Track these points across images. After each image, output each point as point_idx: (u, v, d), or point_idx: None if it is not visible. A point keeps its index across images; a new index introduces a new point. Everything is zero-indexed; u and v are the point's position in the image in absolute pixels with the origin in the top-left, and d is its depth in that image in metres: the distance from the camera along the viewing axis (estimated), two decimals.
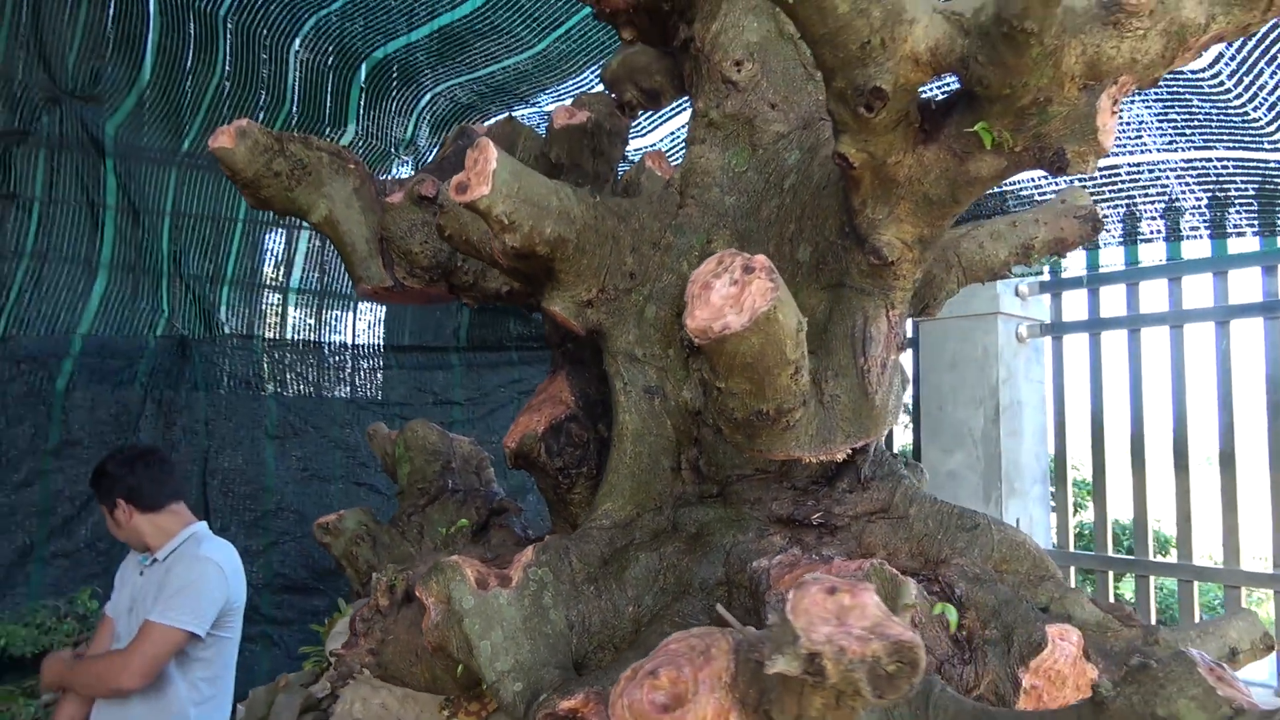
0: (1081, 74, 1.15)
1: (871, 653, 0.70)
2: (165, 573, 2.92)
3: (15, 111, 4.80)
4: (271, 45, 5.23)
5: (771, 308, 1.19)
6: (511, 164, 1.54)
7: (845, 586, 0.74)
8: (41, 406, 4.69)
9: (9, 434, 4.59)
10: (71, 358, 4.85)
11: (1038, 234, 1.81)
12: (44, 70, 4.85)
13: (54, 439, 4.68)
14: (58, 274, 4.93)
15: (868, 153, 1.27)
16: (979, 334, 3.89)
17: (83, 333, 4.92)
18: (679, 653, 0.84)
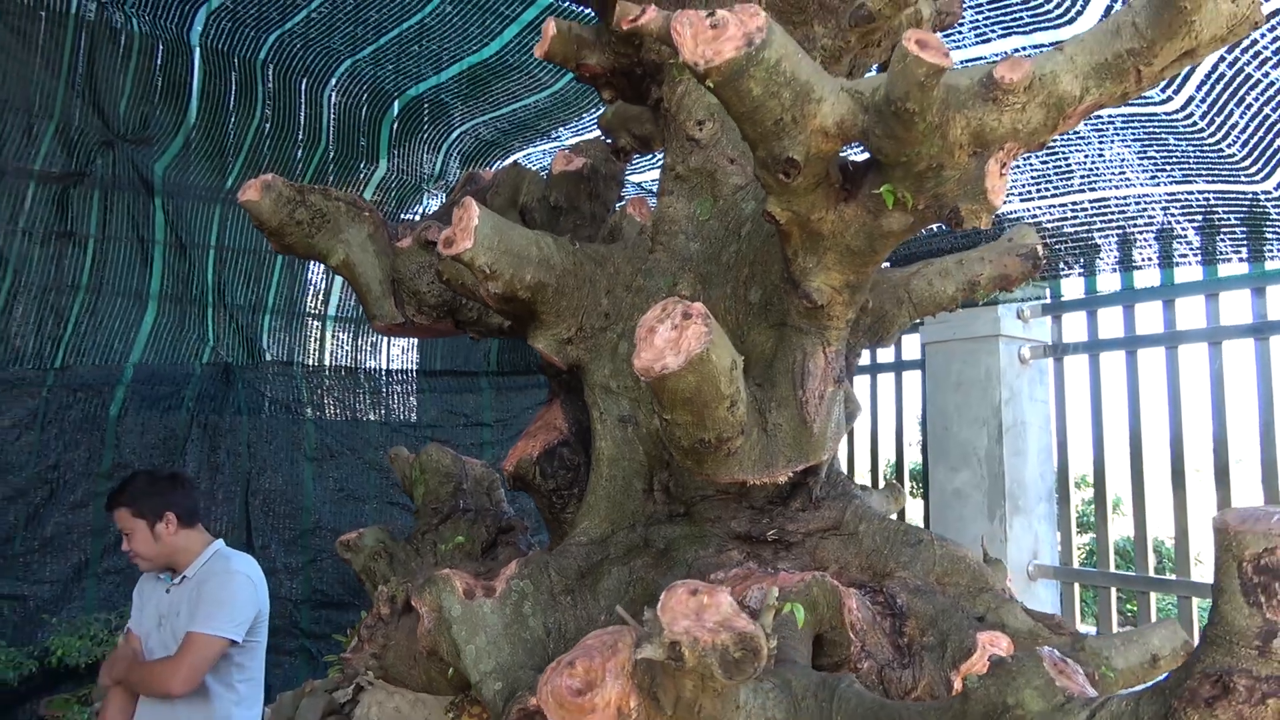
0: (969, 143, 1.31)
1: (720, 642, 0.87)
2: (198, 587, 3.12)
3: (73, 155, 5.15)
4: (307, 89, 5.53)
5: (705, 350, 1.37)
6: (493, 220, 1.74)
7: (705, 589, 0.91)
8: (96, 432, 5.00)
9: (66, 458, 4.91)
10: (123, 385, 5.16)
11: (983, 271, 1.95)
12: (98, 116, 5.20)
13: (107, 462, 4.99)
14: (111, 306, 5.26)
15: (792, 211, 1.44)
16: (982, 355, 4.01)
17: (134, 361, 5.24)
18: (593, 647, 1.02)
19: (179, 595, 3.18)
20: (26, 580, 4.67)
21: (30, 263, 5.04)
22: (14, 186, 5.00)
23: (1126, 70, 1.31)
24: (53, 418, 4.92)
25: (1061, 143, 3.40)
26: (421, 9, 4.57)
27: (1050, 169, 3.53)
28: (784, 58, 1.31)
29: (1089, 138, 3.29)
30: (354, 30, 4.91)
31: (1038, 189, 3.63)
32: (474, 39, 4.77)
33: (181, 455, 5.19)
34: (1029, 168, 3.58)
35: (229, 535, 5.28)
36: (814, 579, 1.60)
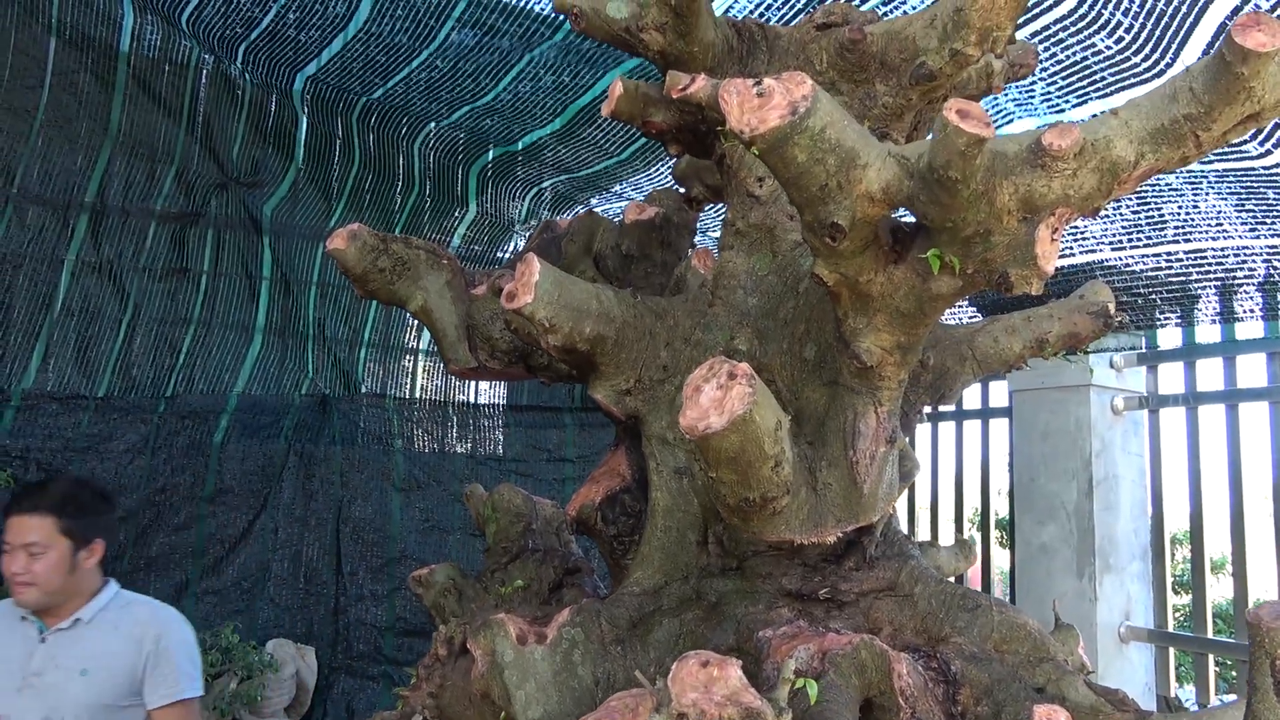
0: (1017, 209, 1.30)
1: (726, 716, 0.88)
2: (136, 643, 2.56)
3: (190, 196, 5.49)
4: (399, 142, 5.77)
5: (748, 411, 1.38)
6: (554, 275, 1.80)
7: (716, 661, 0.92)
8: (200, 457, 5.28)
9: (173, 482, 5.19)
10: (228, 414, 5.44)
11: (1052, 329, 1.91)
12: (213, 160, 5.54)
13: (209, 487, 5.25)
14: (219, 339, 5.57)
15: (840, 273, 1.45)
16: (1071, 405, 3.88)
17: (238, 391, 5.52)
18: (615, 708, 1.04)
19: (64, 646, 2.50)
20: None
21: (148, 297, 5.37)
22: (137, 226, 5.36)
23: (1184, 135, 1.28)
24: (162, 443, 5.21)
25: (1153, 194, 3.29)
26: (495, 87, 4.79)
27: (1143, 219, 3.41)
28: (829, 125, 1.33)
29: (1182, 190, 3.17)
30: (432, 103, 5.17)
31: (1129, 238, 3.51)
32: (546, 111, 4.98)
33: (279, 482, 5.42)
34: (1119, 217, 3.47)
35: (319, 561, 5.50)
36: (862, 641, 1.58)
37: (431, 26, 4.35)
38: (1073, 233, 3.69)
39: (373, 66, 4.94)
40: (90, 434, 5.08)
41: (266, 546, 5.35)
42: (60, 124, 5.17)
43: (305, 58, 5.02)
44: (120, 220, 5.33)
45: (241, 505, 5.32)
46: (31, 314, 5.11)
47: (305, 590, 5.37)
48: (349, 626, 5.37)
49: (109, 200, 5.29)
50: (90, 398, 5.13)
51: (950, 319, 4.59)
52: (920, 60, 1.78)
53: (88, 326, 5.24)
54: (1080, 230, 3.66)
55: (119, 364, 5.28)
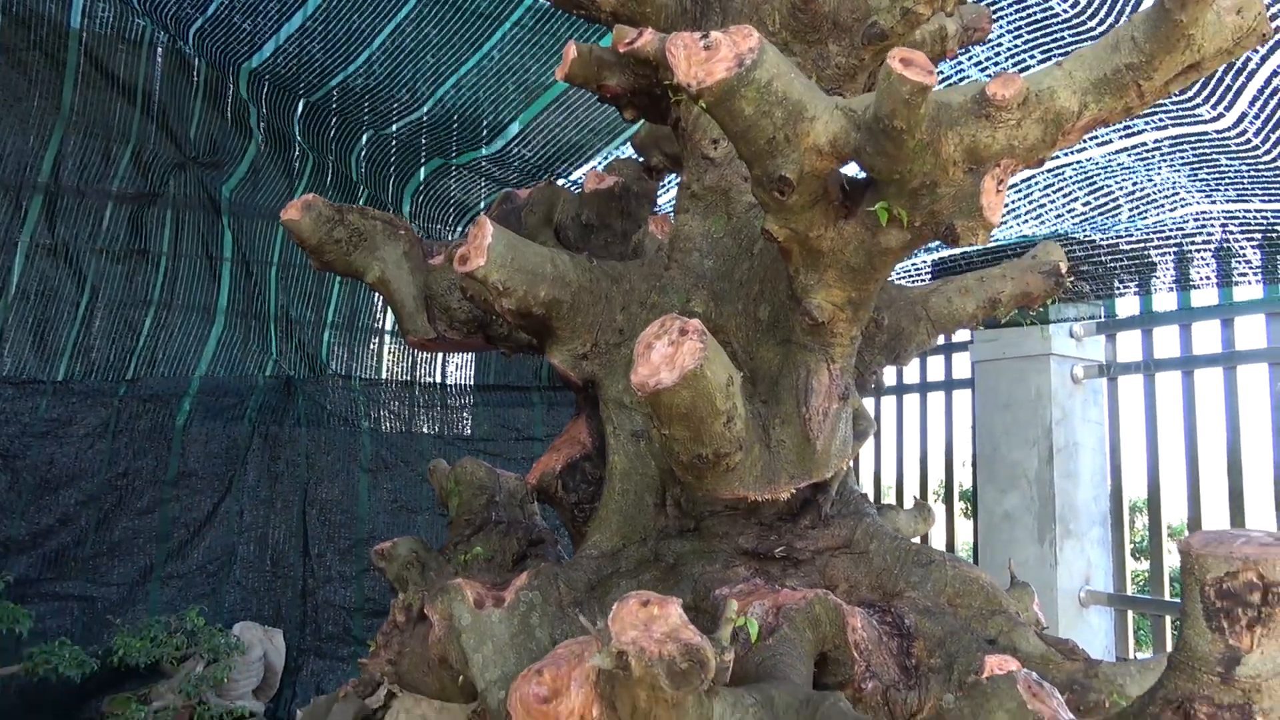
0: (963, 160, 1.30)
1: (666, 653, 0.88)
2: None
3: (147, 177, 5.39)
4: (347, 137, 5.71)
5: (699, 366, 1.38)
6: (507, 238, 1.78)
7: (657, 600, 0.92)
8: (163, 441, 5.21)
9: (135, 466, 5.12)
10: (190, 396, 5.37)
11: (1004, 289, 1.93)
12: (170, 140, 5.45)
13: (173, 471, 5.19)
14: (180, 321, 5.48)
15: (790, 228, 1.45)
16: (1032, 375, 3.92)
17: (200, 374, 5.44)
18: (562, 655, 1.04)
19: None
20: (95, 582, 4.87)
21: (106, 279, 5.28)
22: (93, 207, 5.26)
23: (1127, 85, 1.29)
24: (123, 427, 5.14)
25: (1104, 176, 3.31)
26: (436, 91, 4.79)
27: (1094, 207, 3.44)
28: (776, 77, 1.33)
29: (1134, 168, 3.20)
30: (384, 103, 5.15)
31: (1086, 219, 3.55)
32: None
33: (243, 464, 5.37)
34: (1076, 199, 3.49)
35: (286, 543, 5.45)
36: (816, 596, 1.59)
37: (375, 25, 4.33)
38: (1034, 211, 3.72)
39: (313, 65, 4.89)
40: (49, 418, 4.99)
41: (232, 529, 5.29)
42: (10, 103, 5.05)
43: (249, 49, 4.94)
44: (76, 201, 5.22)
45: (205, 488, 5.26)
46: None
47: (272, 573, 5.33)
48: (317, 608, 5.34)
49: (63, 180, 5.18)
50: (48, 382, 5.04)
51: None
52: (872, 20, 1.78)
53: (44, 309, 5.15)
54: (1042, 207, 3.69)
55: (77, 347, 5.19)
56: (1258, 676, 0.84)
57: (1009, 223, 3.81)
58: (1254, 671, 0.84)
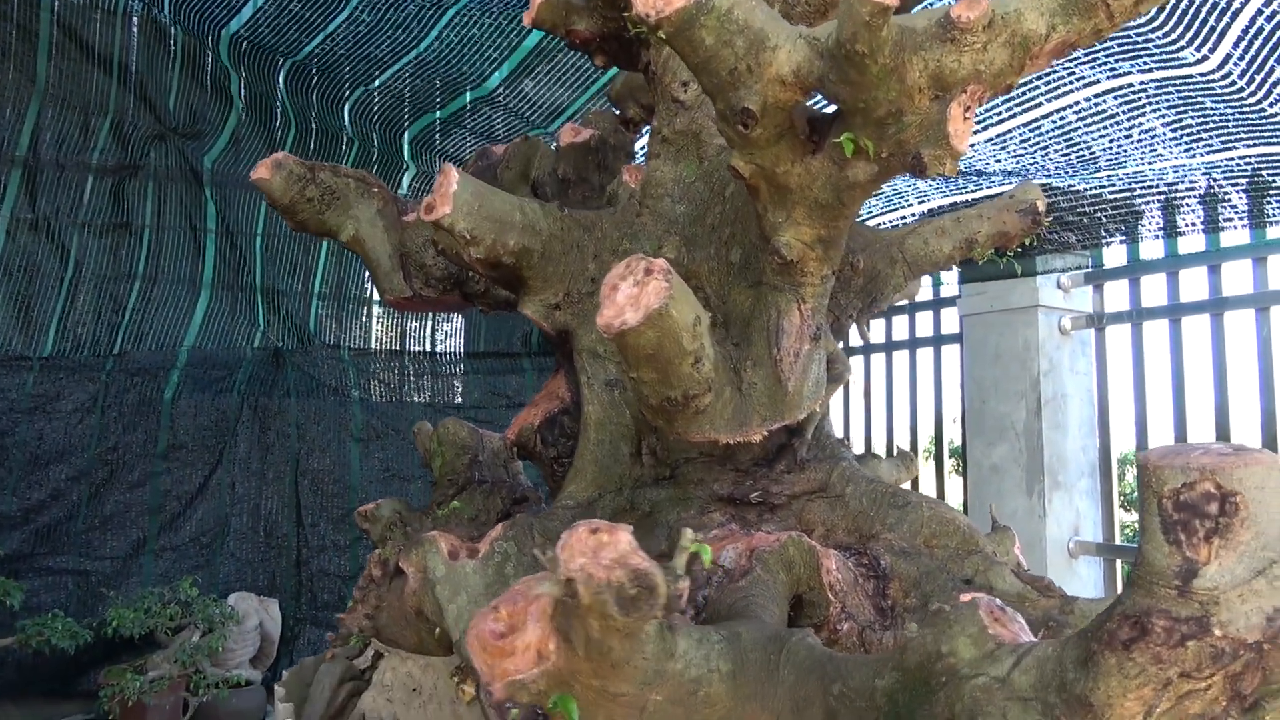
0: (928, 86, 1.27)
1: (615, 579, 0.86)
2: None
3: (127, 149, 5.32)
4: (328, 101, 5.64)
5: (663, 305, 1.36)
6: (473, 185, 1.75)
7: (606, 528, 0.91)
8: (152, 414, 5.19)
9: (124, 440, 5.10)
10: (178, 369, 5.34)
11: (981, 228, 1.90)
12: (149, 111, 5.37)
13: (162, 444, 5.17)
14: (166, 294, 5.44)
15: (756, 164, 1.42)
16: (1019, 327, 3.90)
17: (188, 346, 5.42)
18: (519, 591, 1.02)
19: None
20: (88, 556, 4.87)
21: (90, 253, 5.24)
22: (73, 180, 5.20)
23: (1095, 5, 1.26)
24: (112, 401, 5.12)
25: (1084, 128, 3.26)
26: (419, 43, 4.72)
27: (1074, 157, 3.40)
28: (736, 5, 1.29)
29: (1117, 115, 3.15)
30: (364, 64, 5.08)
31: (1066, 173, 3.51)
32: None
33: (233, 436, 5.35)
34: (1058, 154, 3.45)
35: (279, 514, 5.46)
36: (790, 539, 1.58)
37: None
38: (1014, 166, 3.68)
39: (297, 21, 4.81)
40: (36, 394, 4.97)
41: (224, 501, 5.29)
42: None
43: (228, 13, 4.87)
44: (55, 175, 5.16)
45: (196, 461, 5.26)
46: None
47: (266, 543, 5.33)
48: (312, 578, 5.35)
49: (42, 154, 5.12)
50: (34, 358, 5.01)
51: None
52: None
53: (28, 285, 5.10)
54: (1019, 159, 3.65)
55: (62, 323, 5.15)
56: (1215, 589, 0.83)
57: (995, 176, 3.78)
58: (1211, 584, 0.83)
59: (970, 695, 0.96)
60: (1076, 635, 0.92)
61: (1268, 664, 0.83)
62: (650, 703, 1.10)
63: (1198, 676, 0.83)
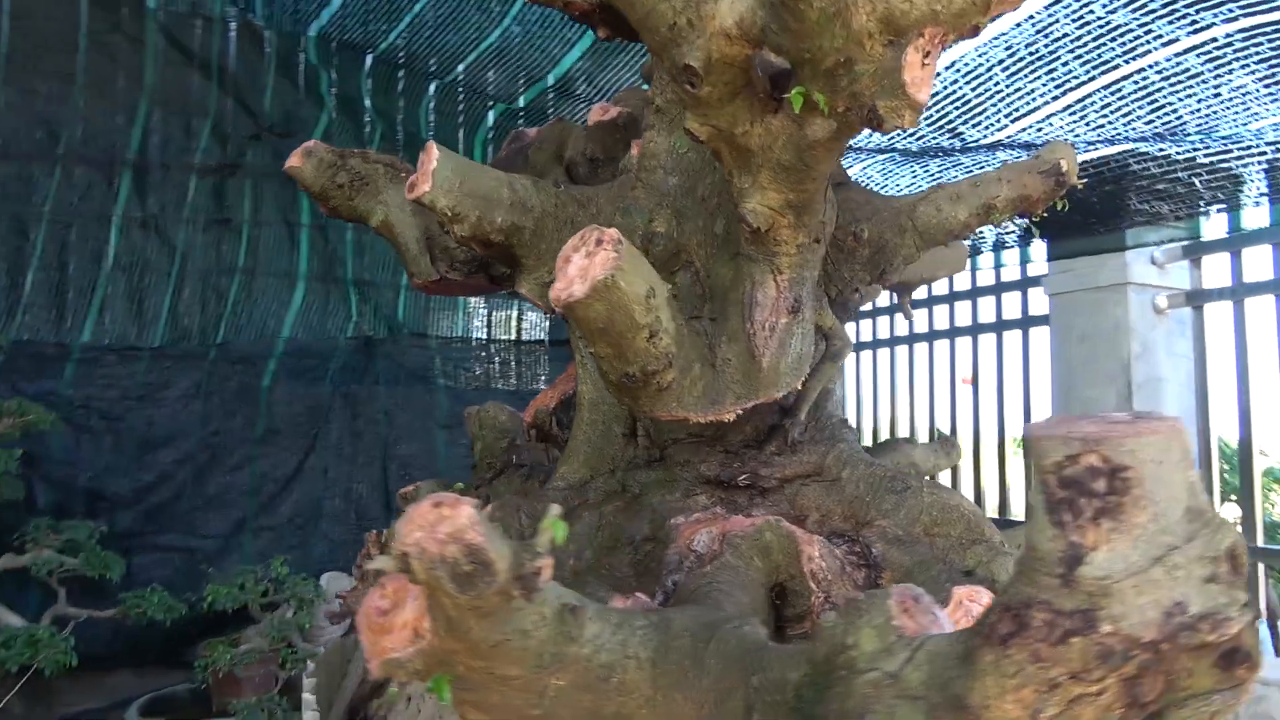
0: (879, 31, 1.17)
1: (449, 554, 0.82)
2: None
3: (226, 149, 5.59)
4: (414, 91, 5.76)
5: (610, 276, 1.30)
6: (455, 162, 1.73)
7: (450, 501, 0.86)
8: (251, 401, 5.44)
9: (226, 425, 5.37)
10: (275, 358, 5.58)
11: (1000, 192, 1.75)
12: (246, 112, 5.62)
13: (260, 429, 5.42)
14: (264, 286, 5.69)
15: (712, 126, 1.34)
16: (1109, 306, 3.63)
17: (285, 336, 5.65)
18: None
19: None
20: (193, 534, 5.15)
21: (194, 249, 5.52)
22: (178, 180, 5.49)
23: None
24: (215, 389, 5.39)
25: (1168, 91, 2.98)
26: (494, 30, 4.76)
27: (1160, 123, 3.11)
28: None
29: (1203, 74, 2.87)
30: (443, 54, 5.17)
31: (1154, 138, 3.22)
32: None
33: (326, 422, 5.56)
34: (1142, 121, 3.17)
35: (370, 497, 5.64)
36: (766, 523, 1.50)
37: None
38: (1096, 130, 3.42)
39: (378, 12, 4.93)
40: (146, 382, 5.28)
41: (318, 485, 5.51)
42: (98, 85, 5.31)
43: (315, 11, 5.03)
44: (162, 175, 5.47)
45: (291, 445, 5.48)
46: (86, 270, 5.31)
47: (357, 525, 5.52)
48: None
49: (149, 156, 5.43)
50: (145, 348, 5.33)
51: None
52: None
53: (139, 280, 5.43)
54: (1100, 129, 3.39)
55: (170, 315, 5.46)
56: (1106, 578, 0.71)
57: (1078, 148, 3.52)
58: (1101, 572, 0.71)
59: (861, 691, 0.87)
60: (967, 629, 0.82)
61: (1171, 668, 0.71)
62: (550, 687, 1.05)
63: (1088, 679, 0.72)
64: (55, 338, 5.18)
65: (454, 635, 0.91)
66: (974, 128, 3.42)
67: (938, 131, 3.54)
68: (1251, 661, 0.70)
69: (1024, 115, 3.35)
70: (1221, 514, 0.73)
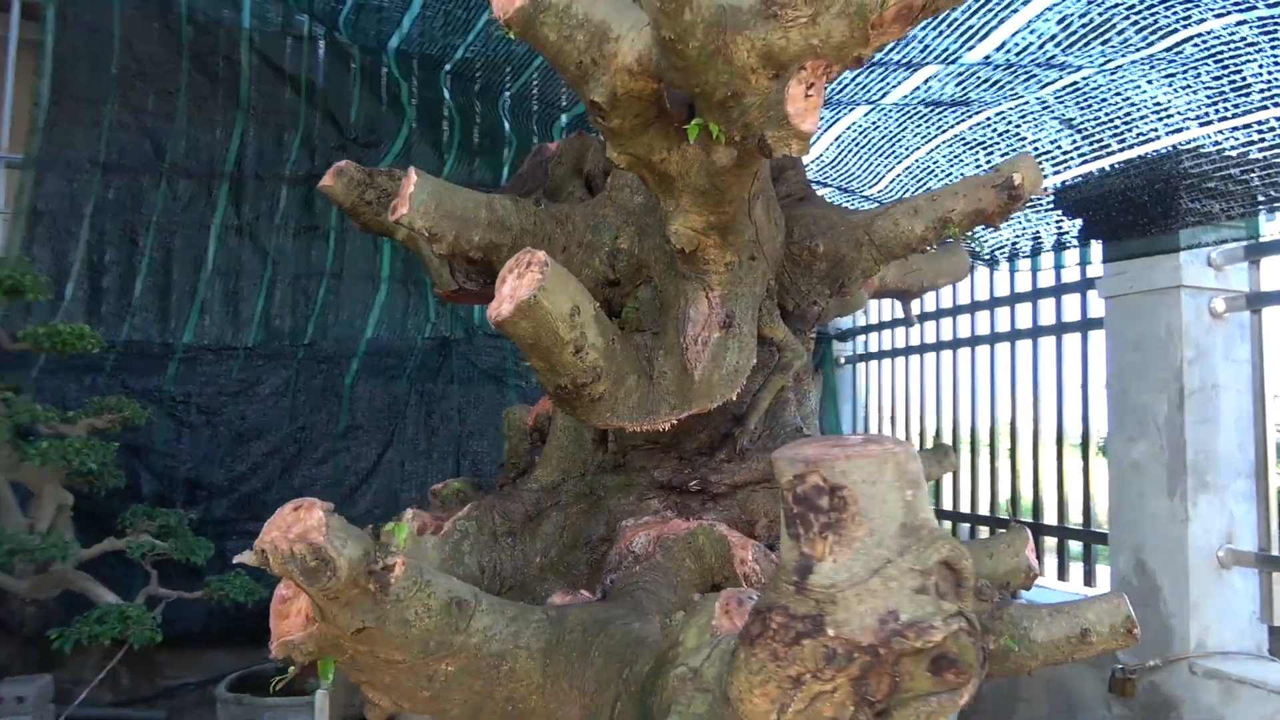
0: (761, 66, 1.23)
1: (296, 551, 0.94)
2: None
3: (314, 159, 5.94)
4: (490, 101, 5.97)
5: (533, 296, 1.41)
6: (432, 186, 1.87)
7: (307, 505, 0.99)
8: (334, 398, 5.77)
9: (311, 420, 5.71)
10: (358, 357, 5.90)
11: (956, 206, 1.77)
12: (333, 125, 5.96)
13: (342, 424, 5.75)
14: (349, 289, 6.03)
15: (630, 154, 1.43)
16: (1161, 310, 3.51)
17: (367, 337, 5.97)
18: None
19: None
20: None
21: (285, 254, 5.89)
22: (270, 190, 5.87)
23: None
24: (302, 386, 5.74)
25: (1229, 54, 2.89)
26: None
27: (1225, 83, 3.02)
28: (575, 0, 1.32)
29: (1260, 43, 2.78)
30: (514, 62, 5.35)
31: (1215, 109, 3.11)
32: None
33: (402, 419, 5.85)
34: (1200, 85, 3.08)
35: None
36: (700, 527, 1.58)
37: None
38: (1155, 111, 3.32)
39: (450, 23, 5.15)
40: (240, 379, 5.67)
41: (395, 478, 5.80)
42: (199, 102, 5.73)
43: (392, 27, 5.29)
44: (256, 185, 5.85)
45: (371, 440, 5.79)
46: (188, 275, 5.74)
47: None
48: None
49: (245, 168, 5.81)
50: (240, 348, 5.72)
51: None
52: None
53: (235, 284, 5.83)
54: (1164, 107, 3.29)
55: (263, 316, 5.84)
56: (832, 586, 0.78)
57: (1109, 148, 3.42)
58: (827, 581, 0.78)
59: (672, 684, 0.96)
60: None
61: (892, 670, 0.78)
62: (440, 672, 1.17)
63: (822, 678, 0.79)
64: (160, 338, 5.62)
65: (326, 621, 1.03)
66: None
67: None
68: (958, 668, 0.76)
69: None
70: (940, 530, 0.79)
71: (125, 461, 5.03)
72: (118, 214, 5.64)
